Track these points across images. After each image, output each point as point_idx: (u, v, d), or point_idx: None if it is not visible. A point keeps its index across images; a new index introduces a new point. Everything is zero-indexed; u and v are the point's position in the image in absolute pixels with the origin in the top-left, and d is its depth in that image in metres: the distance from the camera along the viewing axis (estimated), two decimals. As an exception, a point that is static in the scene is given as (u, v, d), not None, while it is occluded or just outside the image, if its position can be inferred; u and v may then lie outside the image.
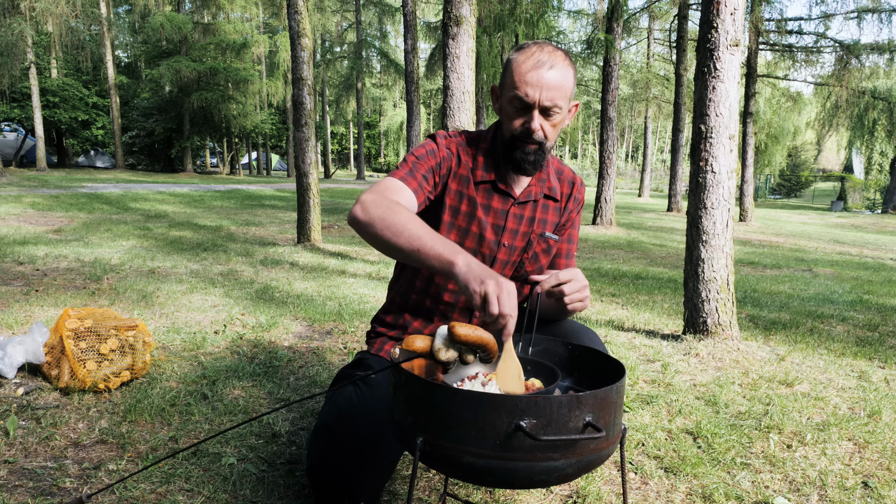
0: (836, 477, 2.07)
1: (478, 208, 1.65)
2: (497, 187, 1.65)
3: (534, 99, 1.49)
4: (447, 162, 1.64)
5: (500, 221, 1.66)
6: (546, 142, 1.56)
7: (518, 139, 1.55)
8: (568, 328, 1.66)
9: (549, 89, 1.49)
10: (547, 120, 1.53)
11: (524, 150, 1.56)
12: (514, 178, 1.67)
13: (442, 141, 1.66)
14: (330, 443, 1.49)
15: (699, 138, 3.59)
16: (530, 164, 1.58)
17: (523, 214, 1.68)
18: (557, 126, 1.56)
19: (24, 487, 1.82)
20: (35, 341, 2.62)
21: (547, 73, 1.48)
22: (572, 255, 1.83)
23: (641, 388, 2.87)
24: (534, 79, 1.48)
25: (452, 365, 1.26)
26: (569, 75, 1.52)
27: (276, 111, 36.85)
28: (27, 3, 19.74)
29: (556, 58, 1.51)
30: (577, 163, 59.90)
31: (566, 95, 1.52)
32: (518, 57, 1.52)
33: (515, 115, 1.54)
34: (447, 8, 5.58)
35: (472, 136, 1.70)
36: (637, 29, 24.73)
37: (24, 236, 7.56)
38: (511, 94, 1.52)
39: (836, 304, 5.35)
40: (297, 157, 7.95)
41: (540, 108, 1.51)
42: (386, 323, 1.79)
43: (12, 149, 29.67)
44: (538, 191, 1.68)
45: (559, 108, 1.52)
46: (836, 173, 45.24)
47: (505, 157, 1.62)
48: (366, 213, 1.37)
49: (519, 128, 1.54)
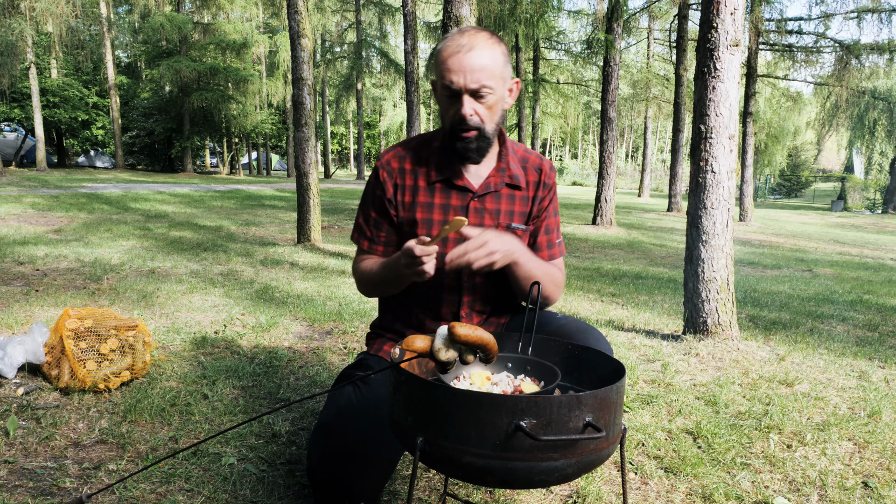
0: (836, 477, 2.07)
1: (434, 211, 1.63)
2: (453, 184, 1.62)
3: (459, 84, 1.47)
4: (388, 185, 1.64)
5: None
6: (484, 126, 1.52)
7: (455, 128, 1.52)
8: (573, 328, 1.64)
9: (473, 71, 1.46)
10: (480, 102, 1.50)
11: (464, 139, 1.53)
12: (470, 172, 1.63)
13: (381, 171, 1.66)
14: (329, 443, 1.49)
15: (699, 138, 3.59)
16: (473, 151, 1.55)
17: (485, 208, 1.64)
18: (494, 108, 1.52)
19: (24, 487, 1.82)
20: (35, 341, 2.62)
21: (468, 56, 1.45)
22: (554, 245, 1.79)
23: (641, 388, 2.87)
24: (455, 64, 1.46)
25: (452, 365, 1.26)
26: (494, 54, 1.49)
27: (276, 111, 36.84)
28: (27, 3, 19.73)
29: (477, 39, 1.47)
30: (577, 163, 59.86)
31: (494, 74, 1.48)
32: (441, 45, 1.50)
33: (448, 105, 1.52)
34: (447, 8, 5.58)
35: (426, 139, 1.68)
36: (637, 29, 24.72)
37: (24, 236, 7.56)
38: (440, 83, 1.50)
39: (836, 304, 5.35)
40: (297, 157, 7.95)
41: (468, 91, 1.47)
42: (383, 327, 1.81)
43: (12, 149, 29.65)
44: (498, 181, 1.64)
45: (489, 89, 1.48)
46: (836, 173, 45.24)
47: (449, 149, 1.59)
48: (358, 288, 1.74)
49: (453, 116, 1.52)
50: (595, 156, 60.99)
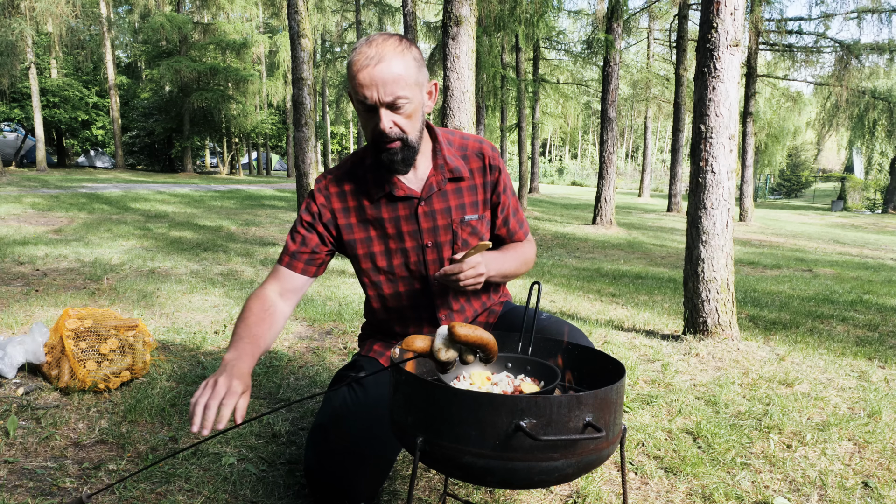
0: (836, 477, 2.07)
1: (386, 225, 1.61)
2: (395, 196, 1.59)
3: (374, 99, 1.41)
4: (325, 210, 1.62)
5: (413, 226, 1.61)
6: (407, 135, 1.48)
7: (378, 141, 1.48)
8: (554, 329, 1.63)
9: (385, 84, 1.40)
10: (398, 113, 1.45)
11: (388, 151, 1.49)
12: (408, 178, 1.60)
13: (317, 194, 1.63)
14: (326, 443, 1.49)
15: (699, 138, 3.59)
16: (400, 162, 1.51)
17: (434, 209, 1.62)
18: (413, 115, 1.48)
19: (24, 487, 1.82)
20: (35, 341, 2.62)
21: (377, 69, 1.39)
22: (523, 222, 1.79)
23: (641, 388, 2.87)
24: (366, 79, 1.40)
25: (452, 365, 1.26)
26: (405, 61, 1.43)
27: (276, 111, 36.85)
28: (27, 3, 19.73)
29: (385, 48, 1.41)
30: (577, 163, 59.88)
31: (409, 83, 1.43)
32: (351, 58, 1.43)
33: (367, 119, 1.48)
34: (447, 8, 5.58)
35: (358, 156, 1.64)
36: (637, 29, 24.72)
37: (24, 236, 7.56)
38: (354, 100, 1.45)
39: (836, 304, 5.35)
40: (297, 157, 7.95)
41: (384, 105, 1.42)
42: (371, 328, 1.84)
43: (12, 149, 29.66)
44: (440, 179, 1.61)
45: (405, 98, 1.43)
46: (836, 173, 45.20)
47: (377, 163, 1.54)
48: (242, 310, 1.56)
49: (373, 130, 1.47)
50: (595, 156, 60.99)
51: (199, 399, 1.21)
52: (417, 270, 1.64)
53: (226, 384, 1.24)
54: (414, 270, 1.65)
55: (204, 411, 1.19)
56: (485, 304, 1.80)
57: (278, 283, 1.60)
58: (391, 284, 1.67)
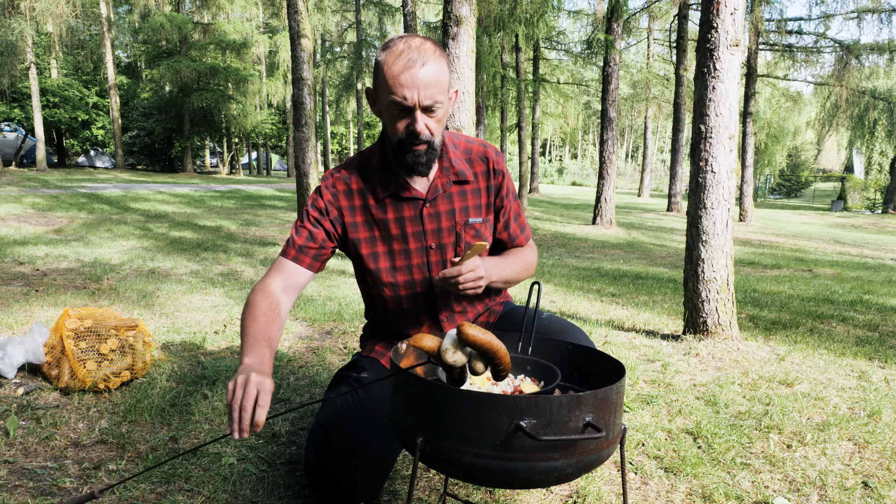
0: (836, 477, 2.07)
1: (390, 225, 1.62)
2: (401, 196, 1.60)
3: (413, 101, 1.43)
4: (332, 207, 1.62)
5: (418, 227, 1.62)
6: (433, 139, 1.51)
7: (405, 142, 1.49)
8: (555, 328, 1.64)
9: (427, 87, 1.42)
10: (430, 117, 1.48)
11: (414, 153, 1.50)
12: (415, 180, 1.61)
13: (324, 191, 1.64)
14: (327, 443, 1.50)
15: (699, 138, 3.59)
16: (423, 164, 1.53)
17: (439, 211, 1.63)
18: (441, 119, 1.51)
19: (24, 487, 1.82)
20: (35, 341, 2.62)
21: (421, 72, 1.41)
22: (525, 227, 1.80)
23: (641, 388, 2.87)
24: (408, 80, 1.41)
25: (458, 370, 1.21)
26: (442, 67, 1.46)
27: (276, 111, 36.85)
28: (27, 3, 19.73)
29: (426, 52, 1.43)
30: (577, 163, 59.86)
31: (444, 88, 1.46)
32: (387, 58, 1.43)
33: (397, 119, 1.48)
34: (447, 8, 5.58)
35: (364, 157, 1.65)
36: (637, 29, 24.73)
37: (24, 236, 7.56)
38: (388, 98, 1.45)
39: (836, 304, 5.35)
40: (297, 157, 7.95)
41: (422, 107, 1.45)
42: (373, 328, 1.84)
43: (12, 149, 29.66)
44: (445, 182, 1.62)
45: (440, 103, 1.46)
46: (836, 173, 45.21)
47: (396, 162, 1.55)
48: (243, 311, 1.51)
49: (403, 131, 1.48)
50: (595, 156, 60.98)
51: (233, 402, 1.17)
52: (421, 272, 1.65)
53: (256, 384, 1.20)
54: (417, 272, 1.65)
55: (240, 413, 1.16)
56: (486, 304, 1.80)
57: (282, 277, 1.58)
58: (394, 285, 1.67)
